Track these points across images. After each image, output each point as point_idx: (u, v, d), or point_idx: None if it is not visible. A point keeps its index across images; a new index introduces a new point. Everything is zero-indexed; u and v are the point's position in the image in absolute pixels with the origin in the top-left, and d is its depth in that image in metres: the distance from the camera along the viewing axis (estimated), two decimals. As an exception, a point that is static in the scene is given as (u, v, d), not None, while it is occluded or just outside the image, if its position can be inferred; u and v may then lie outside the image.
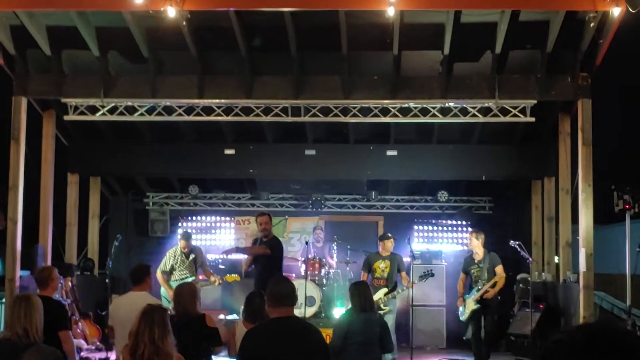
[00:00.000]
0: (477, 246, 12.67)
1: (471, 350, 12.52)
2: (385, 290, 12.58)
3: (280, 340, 5.57)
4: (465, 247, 15.48)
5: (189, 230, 15.22)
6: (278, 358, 5.52)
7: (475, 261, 12.59)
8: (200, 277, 13.46)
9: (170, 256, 13.14)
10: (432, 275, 13.04)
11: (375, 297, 12.10)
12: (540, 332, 13.37)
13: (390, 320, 12.34)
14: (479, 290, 12.37)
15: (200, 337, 7.46)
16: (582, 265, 12.14)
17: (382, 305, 12.38)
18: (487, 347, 12.44)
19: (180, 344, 6.16)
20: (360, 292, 8.84)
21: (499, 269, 12.43)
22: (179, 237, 13.75)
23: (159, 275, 12.86)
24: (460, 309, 12.77)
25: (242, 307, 8.31)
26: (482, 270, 12.42)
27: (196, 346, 7.27)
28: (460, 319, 12.89)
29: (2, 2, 11.40)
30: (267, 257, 11.60)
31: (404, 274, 12.86)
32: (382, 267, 12.79)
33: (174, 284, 12.04)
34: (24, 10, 11.84)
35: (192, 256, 13.14)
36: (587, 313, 12.06)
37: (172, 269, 13.05)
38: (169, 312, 6.11)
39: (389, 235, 13.28)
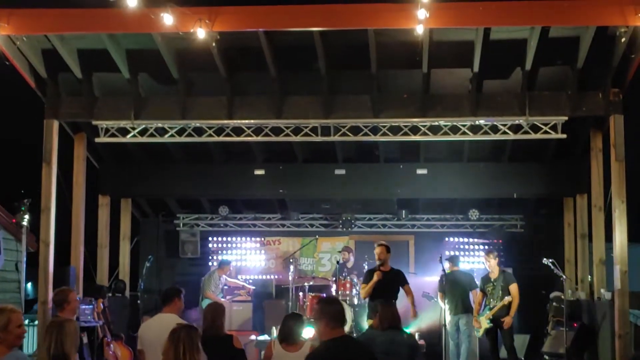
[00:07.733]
0: (493, 265, 12.76)
1: None
2: None
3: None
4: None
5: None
6: None
7: (491, 280, 12.68)
8: None
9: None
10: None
11: None
12: (576, 351, 13.20)
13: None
14: (490, 309, 12.50)
15: (226, 357, 7.42)
16: (617, 283, 11.99)
17: None
18: None
19: None
20: (381, 310, 8.68)
21: (513, 287, 12.45)
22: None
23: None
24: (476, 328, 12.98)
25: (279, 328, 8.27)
26: (496, 288, 12.49)
27: None
28: (477, 335, 13.19)
29: (33, 26, 11.52)
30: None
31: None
32: None
33: None
34: (55, 34, 11.97)
35: None
36: (622, 332, 11.88)
37: None
38: (198, 330, 6.07)
39: None
